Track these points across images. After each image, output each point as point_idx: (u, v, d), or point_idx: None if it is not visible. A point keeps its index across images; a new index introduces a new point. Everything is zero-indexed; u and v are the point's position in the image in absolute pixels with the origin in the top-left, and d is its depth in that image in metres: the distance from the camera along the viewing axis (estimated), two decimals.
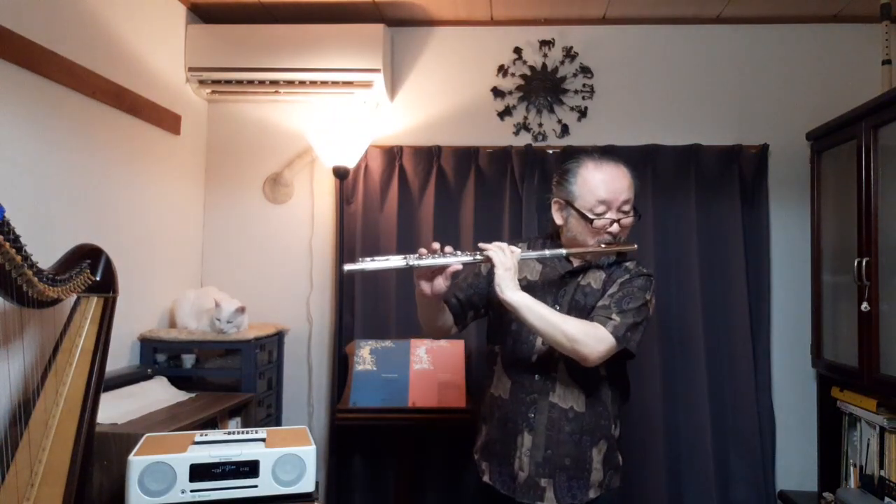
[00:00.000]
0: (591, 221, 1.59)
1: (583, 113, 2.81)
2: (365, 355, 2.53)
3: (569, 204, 1.63)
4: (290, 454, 1.57)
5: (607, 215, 1.59)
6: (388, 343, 2.58)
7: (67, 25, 1.96)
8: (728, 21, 2.79)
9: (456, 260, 1.52)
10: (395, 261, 1.51)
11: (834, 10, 2.69)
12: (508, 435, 1.64)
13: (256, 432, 1.69)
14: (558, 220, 1.69)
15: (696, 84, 2.80)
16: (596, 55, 2.82)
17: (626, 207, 1.61)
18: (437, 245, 1.54)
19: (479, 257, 1.54)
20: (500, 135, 2.82)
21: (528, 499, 1.59)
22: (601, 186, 1.59)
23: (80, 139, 2.03)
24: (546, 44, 2.83)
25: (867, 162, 2.19)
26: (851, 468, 2.40)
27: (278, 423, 2.69)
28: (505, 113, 2.83)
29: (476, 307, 1.74)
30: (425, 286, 1.56)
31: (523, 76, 2.83)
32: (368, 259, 1.52)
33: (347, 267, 1.53)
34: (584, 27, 2.83)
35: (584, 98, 2.82)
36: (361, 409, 2.37)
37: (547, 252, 1.64)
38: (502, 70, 2.84)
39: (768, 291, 2.69)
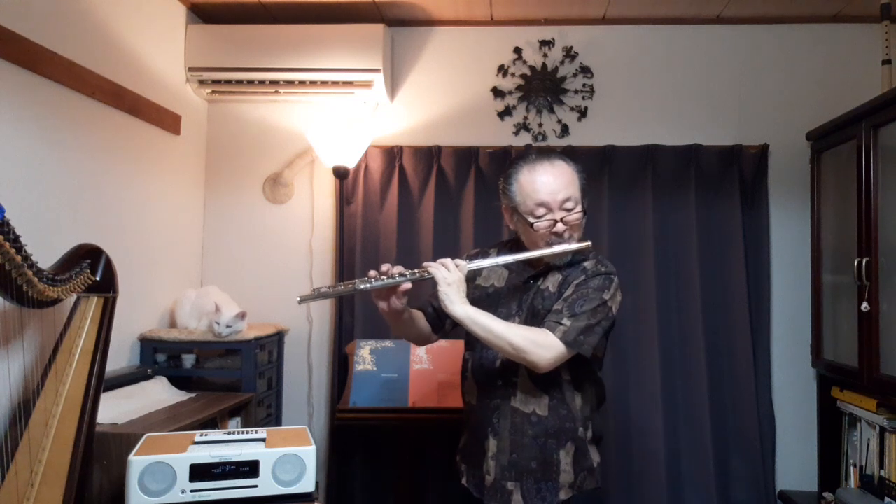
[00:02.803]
0: (531, 226, 1.58)
1: (583, 113, 2.81)
2: (365, 355, 2.53)
3: (514, 210, 1.64)
4: (290, 454, 1.57)
5: (548, 217, 1.57)
6: (388, 343, 2.58)
7: (67, 25, 1.96)
8: (728, 21, 2.79)
9: (403, 280, 1.55)
10: (346, 287, 1.56)
11: (834, 10, 2.69)
12: (478, 440, 1.67)
13: (256, 432, 1.69)
14: (511, 225, 1.70)
15: (696, 84, 2.80)
16: (596, 55, 2.82)
17: (569, 205, 1.58)
18: (386, 267, 1.57)
19: (425, 275, 1.55)
20: (500, 135, 2.82)
21: (496, 502, 1.61)
22: (537, 188, 1.57)
23: (80, 139, 2.03)
24: (546, 44, 2.83)
25: (867, 162, 2.19)
26: (851, 468, 2.40)
27: (278, 423, 2.69)
28: (505, 113, 2.83)
29: None
30: (382, 305, 1.60)
31: (523, 76, 2.83)
32: (321, 287, 1.58)
33: (301, 296, 1.59)
34: (584, 27, 2.83)
35: (584, 98, 2.82)
36: (361, 409, 2.36)
37: (494, 260, 1.64)
38: (502, 70, 2.84)
39: (768, 291, 2.69)
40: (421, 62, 2.86)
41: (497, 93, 2.84)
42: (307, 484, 1.57)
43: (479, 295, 1.70)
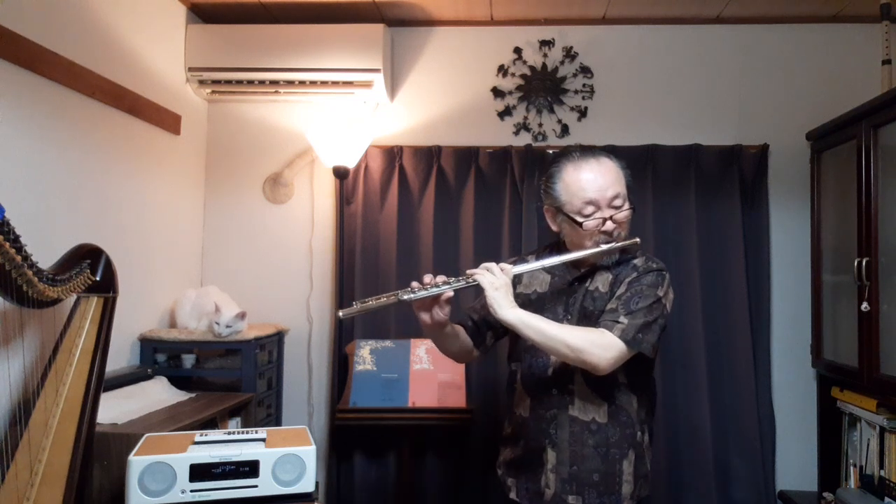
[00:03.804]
0: (580, 225, 1.53)
1: (583, 113, 2.81)
2: (365, 355, 2.53)
3: (559, 210, 1.59)
4: (290, 454, 1.57)
5: (597, 215, 1.53)
6: (388, 343, 2.58)
7: (67, 25, 1.96)
8: (728, 21, 2.79)
9: (447, 288, 1.50)
10: (389, 298, 1.51)
11: (834, 10, 2.69)
12: (533, 452, 1.60)
13: (256, 432, 1.69)
14: (553, 227, 1.65)
15: (696, 84, 2.80)
16: (596, 55, 2.82)
17: (618, 202, 1.54)
18: (429, 277, 1.52)
19: (470, 282, 1.51)
20: (500, 135, 2.82)
21: None
22: (585, 187, 1.53)
23: (80, 139, 2.03)
24: (546, 44, 2.83)
25: (867, 162, 2.19)
26: (851, 468, 2.40)
27: (278, 423, 2.69)
28: (505, 113, 2.83)
29: (493, 327, 1.69)
30: (425, 316, 1.55)
31: (523, 76, 2.83)
32: (363, 301, 1.53)
33: (343, 311, 1.53)
34: (584, 27, 2.83)
35: (584, 98, 2.82)
36: (361, 409, 2.37)
37: (540, 263, 1.59)
38: (502, 70, 2.84)
39: (768, 291, 2.69)
40: (421, 62, 2.86)
41: (497, 93, 2.84)
42: (307, 484, 1.57)
43: (522, 302, 1.62)
